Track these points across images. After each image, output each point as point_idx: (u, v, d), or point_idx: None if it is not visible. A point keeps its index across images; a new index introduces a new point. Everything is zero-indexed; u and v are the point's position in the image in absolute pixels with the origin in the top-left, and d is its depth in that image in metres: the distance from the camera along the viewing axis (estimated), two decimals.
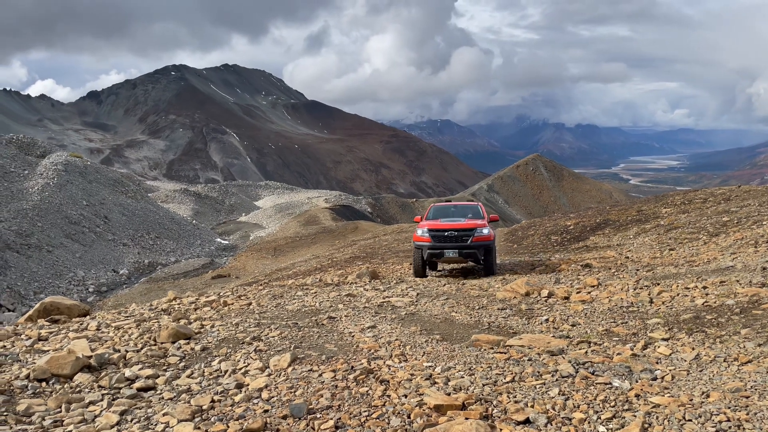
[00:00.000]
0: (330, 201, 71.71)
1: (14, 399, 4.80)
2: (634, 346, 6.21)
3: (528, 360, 5.81)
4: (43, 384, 5.16)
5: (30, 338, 6.80)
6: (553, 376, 5.26)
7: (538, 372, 5.38)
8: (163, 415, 4.54)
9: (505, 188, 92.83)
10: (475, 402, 4.67)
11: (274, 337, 7.01)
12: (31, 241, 32.26)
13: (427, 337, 7.07)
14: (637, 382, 5.05)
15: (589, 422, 4.26)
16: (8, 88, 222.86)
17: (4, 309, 25.37)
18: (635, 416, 4.29)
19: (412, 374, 5.46)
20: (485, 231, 12.91)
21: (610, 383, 5.01)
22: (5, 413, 4.47)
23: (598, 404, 4.56)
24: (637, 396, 4.70)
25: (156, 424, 4.38)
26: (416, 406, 4.60)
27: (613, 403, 4.57)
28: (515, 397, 4.78)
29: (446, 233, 12.90)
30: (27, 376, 5.23)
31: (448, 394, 4.82)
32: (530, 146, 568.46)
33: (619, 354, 5.89)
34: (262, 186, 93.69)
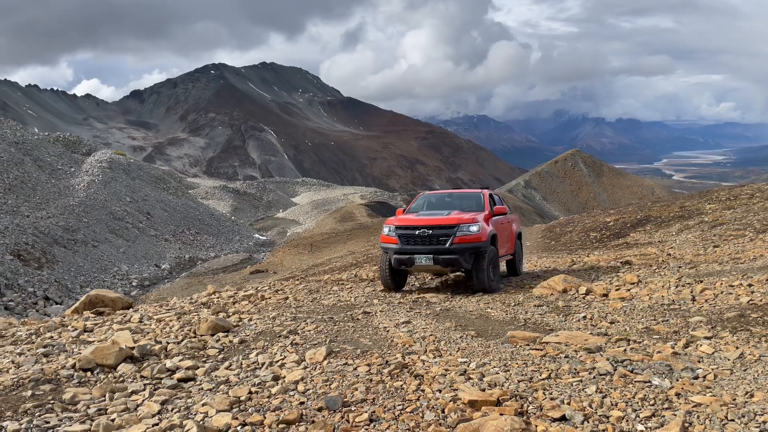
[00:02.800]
0: (365, 197, 71.98)
1: (60, 388, 4.98)
2: (675, 344, 6.07)
3: (565, 357, 5.73)
4: (88, 373, 5.34)
5: (76, 329, 7.05)
6: (590, 373, 5.18)
7: (575, 369, 5.31)
8: (202, 405, 4.65)
9: (542, 184, 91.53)
10: (510, 398, 4.63)
11: (310, 330, 7.10)
12: (77, 236, 33.33)
13: (461, 332, 7.05)
14: (677, 380, 4.93)
15: (627, 420, 4.19)
16: (56, 88, 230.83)
17: (52, 302, 26.31)
18: (675, 415, 4.20)
19: (446, 369, 5.46)
20: (474, 228, 9.57)
21: (650, 381, 4.90)
22: (52, 401, 4.66)
23: (637, 402, 4.48)
24: (677, 395, 4.59)
25: (195, 414, 4.49)
26: (450, 401, 4.60)
27: (652, 402, 4.48)
28: (551, 394, 4.73)
29: (417, 232, 9.46)
30: (73, 366, 5.43)
31: (483, 390, 4.80)
32: (569, 141, 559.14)
33: (659, 352, 5.76)
34: (299, 183, 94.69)
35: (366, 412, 4.42)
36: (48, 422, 4.29)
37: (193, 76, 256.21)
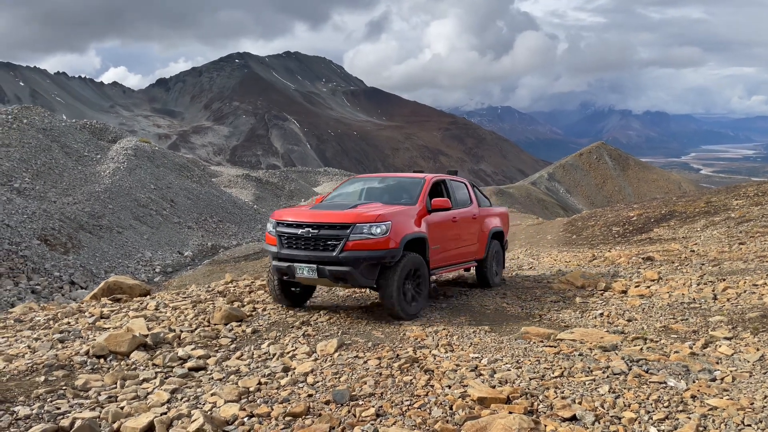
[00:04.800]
0: None
1: (74, 374, 5.05)
2: (694, 344, 5.93)
3: (579, 355, 5.64)
4: (102, 360, 5.40)
5: (93, 316, 7.15)
6: (604, 372, 5.09)
7: (589, 368, 5.22)
8: (211, 395, 4.67)
9: (566, 177, 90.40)
10: (521, 396, 4.57)
11: (322, 322, 7.10)
12: (102, 222, 33.86)
13: (475, 327, 6.98)
14: (694, 382, 4.81)
15: (639, 422, 4.10)
16: (83, 76, 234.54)
17: (77, 286, 26.80)
18: (690, 418, 4.09)
19: (457, 365, 5.40)
20: (376, 230, 6.78)
21: (665, 382, 4.79)
22: (64, 387, 4.71)
23: (651, 404, 4.38)
24: (693, 397, 4.48)
25: (204, 404, 4.51)
26: (459, 397, 4.54)
27: (666, 404, 4.38)
28: (563, 392, 4.65)
29: (300, 231, 6.94)
30: (87, 353, 5.50)
31: (493, 387, 4.74)
32: (595, 134, 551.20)
33: (676, 352, 5.63)
34: (321, 172, 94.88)
35: (373, 406, 4.40)
36: (59, 408, 4.34)
37: (218, 65, 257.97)
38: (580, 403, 4.42)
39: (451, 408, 4.39)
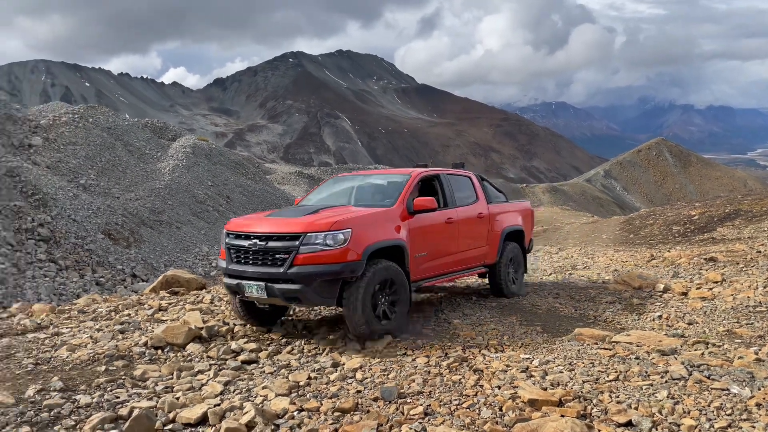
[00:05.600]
0: None
1: (132, 364, 5.25)
2: (759, 350, 5.63)
3: (635, 359, 5.45)
4: (159, 351, 5.59)
5: (151, 308, 7.41)
6: (662, 377, 4.90)
7: (646, 372, 5.03)
8: (263, 388, 4.75)
9: (624, 174, 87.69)
10: (573, 399, 4.45)
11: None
12: (162, 217, 35.10)
13: (526, 327, 6.85)
14: (759, 389, 4.57)
15: (699, 430, 3.92)
16: (145, 76, 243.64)
17: (138, 279, 27.91)
18: (754, 427, 3.89)
19: (507, 365, 5.32)
20: (334, 240, 5.73)
21: (728, 389, 4.57)
22: (123, 377, 4.91)
23: (712, 411, 4.18)
24: (758, 405, 4.25)
25: (255, 397, 4.60)
26: (509, 398, 4.47)
27: (729, 411, 4.17)
28: (618, 397, 4.51)
29: (246, 244, 6.01)
30: (145, 344, 5.70)
31: (545, 389, 4.64)
32: (654, 129, 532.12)
33: (740, 358, 5.36)
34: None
35: (421, 405, 4.38)
36: (118, 397, 4.52)
37: (273, 64, 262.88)
38: (636, 409, 4.27)
39: (500, 409, 4.32)
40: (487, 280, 8.76)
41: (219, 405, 4.36)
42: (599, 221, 26.62)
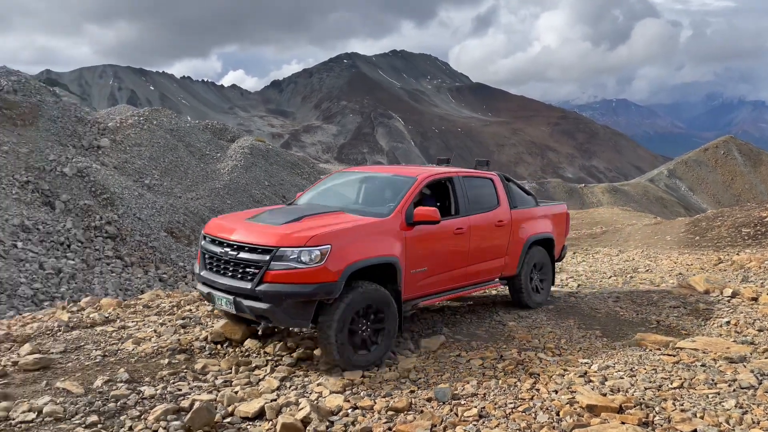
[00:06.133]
0: None
1: (193, 358, 5.42)
2: None
3: (701, 366, 5.22)
4: (218, 346, 5.75)
5: None
6: (730, 386, 4.68)
7: (712, 380, 4.82)
8: (317, 385, 4.82)
9: (689, 174, 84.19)
10: (635, 406, 4.31)
11: (426, 318, 7.09)
12: None
13: (585, 331, 6.68)
14: None
15: None
16: (206, 79, 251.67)
17: None
18: None
19: (565, 370, 5.20)
20: (309, 258, 5.01)
21: None
22: (185, 370, 5.07)
23: None
24: None
25: (310, 393, 4.66)
26: (567, 403, 4.37)
27: None
28: (682, 405, 4.33)
29: (219, 251, 5.46)
30: (205, 338, 5.87)
31: (604, 395, 4.51)
32: (722, 127, 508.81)
33: None
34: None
35: (475, 407, 4.33)
36: (180, 390, 4.68)
37: (327, 66, 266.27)
38: (701, 417, 4.09)
39: (557, 414, 4.23)
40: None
41: (275, 400, 4.45)
42: (662, 223, 25.64)
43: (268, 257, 5.03)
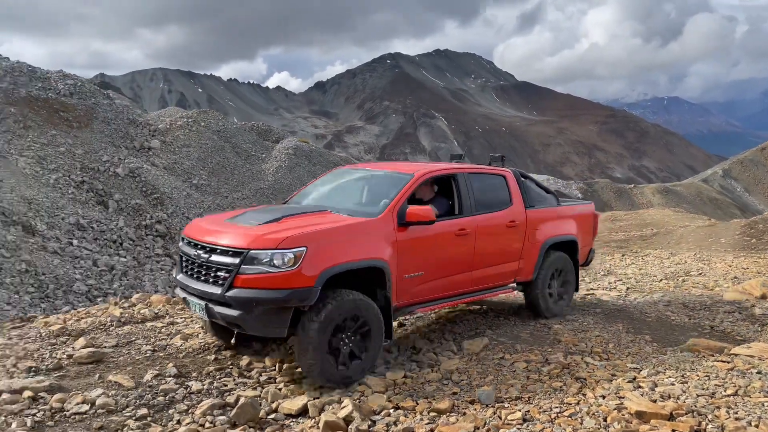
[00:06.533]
0: None
1: (239, 354, 5.51)
2: None
3: (757, 373, 5.01)
4: (263, 343, 5.83)
5: None
6: None
7: None
8: (359, 384, 4.83)
9: (745, 174, 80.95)
10: (686, 413, 4.16)
11: (469, 320, 7.04)
12: None
13: (634, 336, 6.50)
14: None
15: None
16: (251, 81, 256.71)
17: None
18: None
19: (613, 375, 5.07)
20: (281, 261, 4.61)
21: None
22: (231, 366, 5.17)
23: None
24: None
25: (353, 392, 4.68)
26: (615, 409, 4.25)
27: None
28: (736, 413, 4.16)
29: (193, 253, 5.13)
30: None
31: (654, 401, 4.37)
32: None
33: None
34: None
35: (519, 410, 4.26)
36: (225, 385, 4.77)
37: (371, 66, 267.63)
38: (757, 426, 3.92)
39: (605, 420, 4.12)
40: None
41: (318, 398, 4.48)
42: (717, 224, 24.73)
43: (238, 260, 4.65)
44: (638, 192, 70.05)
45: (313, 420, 4.18)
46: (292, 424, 4.16)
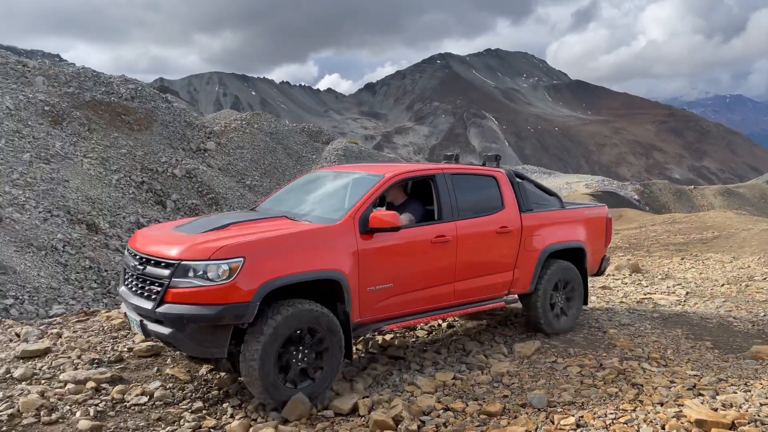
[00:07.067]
0: (591, 186, 67.98)
1: None
2: None
3: None
4: None
5: None
6: None
7: None
8: (409, 384, 4.83)
9: None
10: (749, 423, 3.98)
11: (520, 322, 6.93)
12: None
13: (694, 342, 6.25)
14: None
15: None
16: (303, 84, 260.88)
17: None
18: None
19: (671, 381, 4.89)
20: (215, 273, 4.12)
21: None
22: None
23: None
24: None
25: (402, 392, 4.68)
26: (673, 417, 4.10)
27: None
28: None
29: (132, 264, 4.71)
30: None
31: (715, 410, 4.20)
32: None
33: None
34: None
35: (573, 415, 4.17)
36: None
37: (420, 67, 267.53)
38: None
39: (663, 428, 3.98)
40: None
41: (368, 397, 4.51)
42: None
43: (168, 272, 4.22)
44: (698, 194, 67.39)
45: (363, 418, 4.20)
46: (342, 421, 4.20)
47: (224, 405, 4.40)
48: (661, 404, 4.38)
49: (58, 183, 19.62)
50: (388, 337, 6.16)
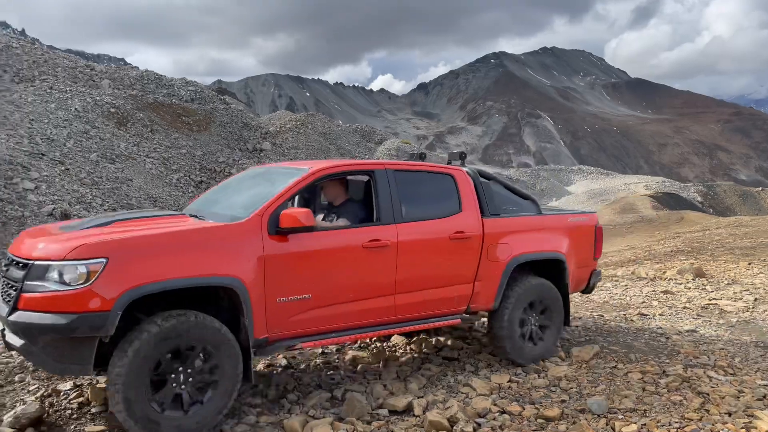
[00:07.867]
0: (651, 188, 65.76)
1: (344, 350, 5.65)
2: None
3: None
4: (368, 340, 5.95)
5: None
6: None
7: None
8: (464, 386, 4.80)
9: None
10: None
11: (578, 326, 6.78)
12: None
13: (764, 350, 5.96)
14: None
15: None
16: (356, 85, 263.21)
17: None
18: None
19: (740, 391, 4.68)
20: (71, 276, 3.41)
21: None
22: (336, 361, 5.32)
23: None
24: None
25: (456, 393, 4.66)
26: (742, 427, 3.92)
27: None
28: None
29: (3, 266, 4.03)
30: None
31: None
32: None
33: None
34: (575, 171, 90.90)
35: (635, 423, 4.04)
36: (333, 379, 4.92)
37: (474, 66, 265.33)
38: None
39: None
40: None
41: (422, 397, 4.50)
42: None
43: (22, 274, 3.60)
44: (766, 195, 64.06)
45: (418, 418, 4.20)
46: (396, 420, 4.21)
47: (282, 401, 4.49)
48: (730, 414, 4.20)
49: (122, 182, 20.48)
50: (443, 338, 6.14)
